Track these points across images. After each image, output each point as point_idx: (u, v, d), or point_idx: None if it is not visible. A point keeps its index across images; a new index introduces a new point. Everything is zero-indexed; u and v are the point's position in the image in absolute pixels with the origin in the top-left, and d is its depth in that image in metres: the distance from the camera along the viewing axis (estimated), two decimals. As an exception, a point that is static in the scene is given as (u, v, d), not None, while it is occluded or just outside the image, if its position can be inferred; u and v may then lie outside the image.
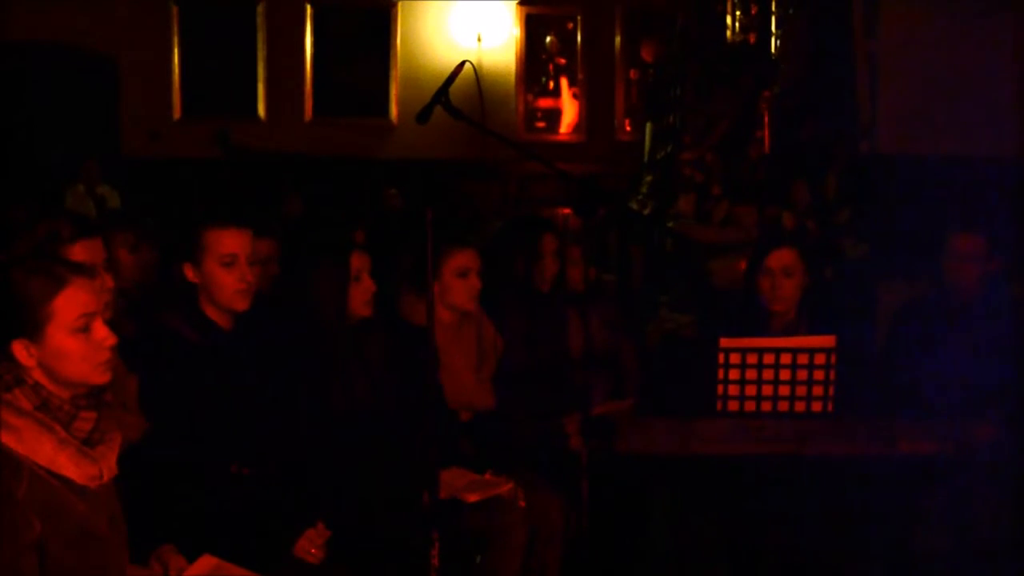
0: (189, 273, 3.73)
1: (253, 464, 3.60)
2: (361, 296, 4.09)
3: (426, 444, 3.49)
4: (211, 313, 3.75)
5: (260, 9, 13.52)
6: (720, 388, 4.04)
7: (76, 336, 2.66)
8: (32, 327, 2.63)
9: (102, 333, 2.70)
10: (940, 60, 9.68)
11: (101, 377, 2.71)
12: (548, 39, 13.92)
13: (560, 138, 13.96)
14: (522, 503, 4.13)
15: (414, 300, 4.44)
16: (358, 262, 4.11)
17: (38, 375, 2.65)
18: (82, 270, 2.74)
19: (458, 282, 4.54)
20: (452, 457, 4.20)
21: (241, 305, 3.74)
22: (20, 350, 2.63)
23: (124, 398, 3.49)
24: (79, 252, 3.47)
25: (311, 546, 3.51)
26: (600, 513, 4.21)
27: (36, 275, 2.64)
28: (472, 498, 4.00)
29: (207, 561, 3.31)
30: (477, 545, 4.06)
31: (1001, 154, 8.83)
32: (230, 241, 3.73)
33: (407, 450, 3.85)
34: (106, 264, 3.64)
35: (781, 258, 4.46)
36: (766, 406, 4.05)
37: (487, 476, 4.16)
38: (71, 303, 2.65)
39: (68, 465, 2.62)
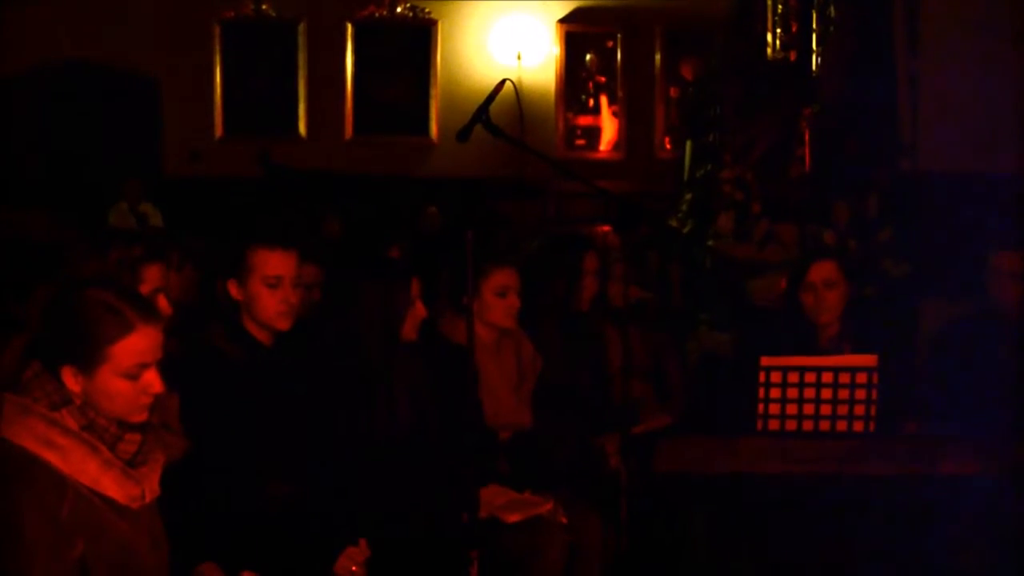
0: (233, 290, 3.75)
1: (294, 482, 3.60)
2: (413, 321, 4.03)
3: (465, 463, 3.49)
4: (253, 330, 3.77)
5: (301, 28, 13.62)
6: (760, 407, 4.03)
7: (126, 380, 2.65)
8: (86, 360, 2.62)
9: (151, 379, 2.69)
10: (982, 78, 9.60)
11: (138, 417, 2.70)
12: (588, 57, 13.93)
13: (600, 156, 13.96)
14: (562, 521, 4.11)
15: (453, 318, 4.44)
16: (415, 288, 4.05)
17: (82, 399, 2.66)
18: (151, 316, 2.71)
19: (497, 301, 4.53)
20: (491, 476, 4.18)
21: (283, 325, 3.76)
22: (68, 376, 2.63)
23: (166, 417, 3.50)
24: (148, 278, 3.46)
25: (351, 564, 3.51)
26: (639, 532, 4.19)
27: (107, 314, 2.62)
28: (513, 518, 3.98)
29: (248, 579, 3.33)
30: (516, 564, 4.04)
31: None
32: (276, 262, 3.75)
33: (447, 469, 3.85)
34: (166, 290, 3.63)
35: (821, 271, 4.47)
36: (807, 425, 4.03)
37: (527, 495, 4.15)
38: (131, 351, 2.63)
39: (112, 486, 2.63)
